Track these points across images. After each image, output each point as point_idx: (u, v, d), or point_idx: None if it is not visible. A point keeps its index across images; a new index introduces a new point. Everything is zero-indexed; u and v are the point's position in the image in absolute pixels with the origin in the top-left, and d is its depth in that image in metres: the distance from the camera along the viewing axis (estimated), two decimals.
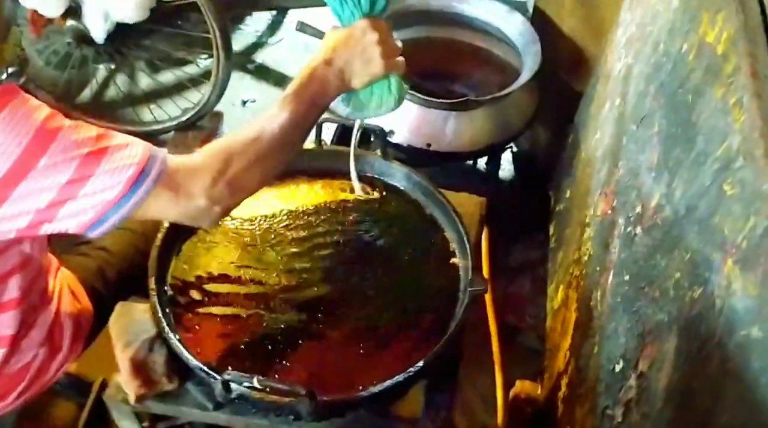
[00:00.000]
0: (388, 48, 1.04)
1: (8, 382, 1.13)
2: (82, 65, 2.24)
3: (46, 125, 0.84)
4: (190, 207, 0.91)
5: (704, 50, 0.94)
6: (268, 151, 0.96)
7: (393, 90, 1.10)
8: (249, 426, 1.14)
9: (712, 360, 0.76)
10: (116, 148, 0.87)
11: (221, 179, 0.91)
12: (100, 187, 0.85)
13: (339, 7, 1.06)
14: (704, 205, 0.85)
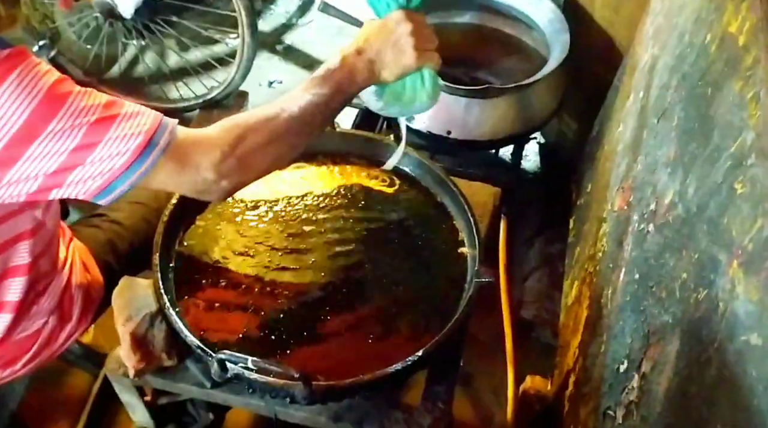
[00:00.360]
0: (422, 40, 1.02)
1: (17, 348, 1.15)
2: (111, 40, 2.26)
3: (56, 89, 0.84)
4: (198, 179, 0.90)
5: (726, 41, 0.90)
6: (284, 131, 0.94)
7: (426, 84, 1.06)
8: (245, 406, 1.15)
9: (711, 366, 0.73)
10: (126, 115, 0.87)
11: (232, 154, 0.90)
12: (108, 154, 0.85)
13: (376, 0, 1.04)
14: (715, 204, 0.81)
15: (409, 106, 1.08)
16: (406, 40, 1.00)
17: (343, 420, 1.11)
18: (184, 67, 2.39)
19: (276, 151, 0.95)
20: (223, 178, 0.91)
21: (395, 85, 1.06)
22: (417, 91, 1.06)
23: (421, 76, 1.05)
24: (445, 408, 1.13)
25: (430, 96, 1.07)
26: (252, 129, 0.92)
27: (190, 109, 2.31)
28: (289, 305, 1.17)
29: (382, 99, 1.08)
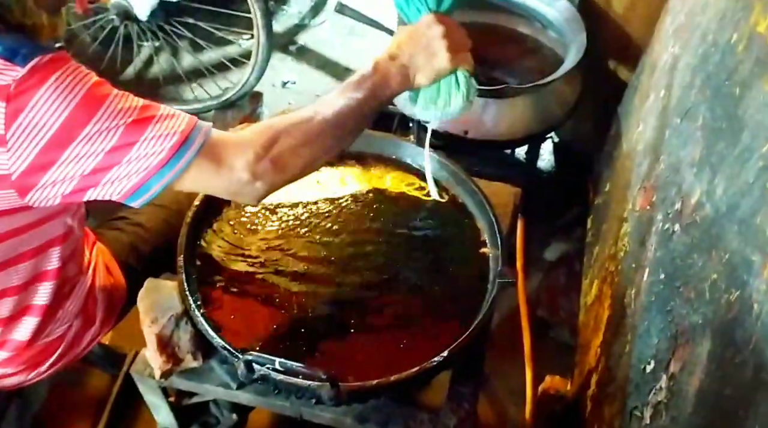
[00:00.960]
0: (454, 42, 1.01)
1: (43, 351, 1.16)
2: (126, 42, 2.27)
3: (95, 91, 0.85)
4: (232, 180, 0.91)
5: (755, 41, 0.89)
6: (317, 134, 0.95)
7: (461, 86, 1.04)
8: (271, 406, 1.15)
9: (746, 367, 0.73)
10: (161, 117, 0.88)
11: (266, 156, 0.91)
12: (144, 153, 0.86)
13: (405, 4, 1.03)
14: (746, 204, 0.81)
15: (445, 110, 1.06)
16: (438, 43, 0.99)
17: (368, 421, 1.11)
18: (199, 68, 2.40)
19: (309, 154, 0.95)
20: (257, 179, 0.91)
21: (430, 89, 1.05)
22: (452, 93, 1.05)
23: (456, 79, 1.04)
24: (470, 408, 1.13)
25: (465, 98, 1.05)
26: (285, 131, 0.93)
27: (204, 110, 2.32)
28: (312, 306, 1.16)
29: (417, 103, 1.08)
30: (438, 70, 1.01)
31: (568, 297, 1.87)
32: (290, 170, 0.94)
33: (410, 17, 1.04)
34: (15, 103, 0.81)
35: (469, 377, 1.18)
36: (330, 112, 0.96)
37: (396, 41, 1.02)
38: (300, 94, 2.52)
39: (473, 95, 1.06)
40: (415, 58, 1.00)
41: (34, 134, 0.83)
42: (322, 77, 2.60)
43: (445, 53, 0.99)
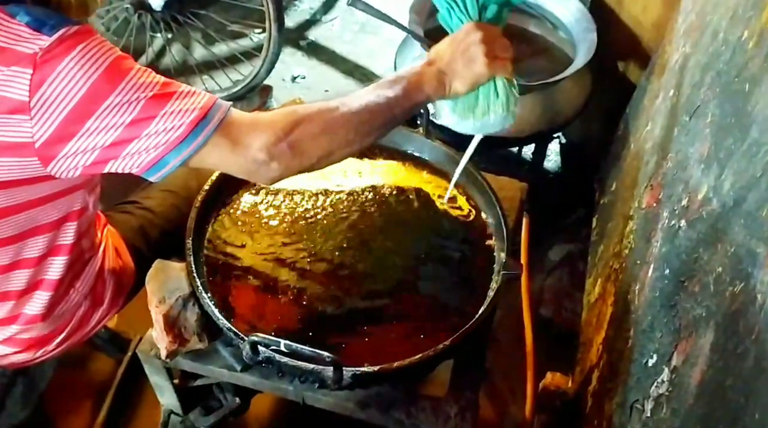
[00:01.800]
0: (494, 48, 0.99)
1: (51, 330, 1.17)
2: (139, 32, 2.29)
3: (118, 64, 0.86)
4: (248, 159, 0.90)
5: (765, 37, 0.90)
6: (340, 125, 0.94)
7: (500, 94, 1.01)
8: (274, 390, 1.16)
9: (748, 357, 0.74)
10: (182, 93, 0.89)
11: (285, 138, 0.90)
12: (164, 127, 0.87)
13: (447, 16, 1.03)
14: (753, 198, 0.82)
15: (484, 119, 1.03)
16: (476, 48, 0.97)
17: (370, 407, 1.12)
18: (210, 60, 2.41)
19: (329, 143, 0.94)
20: (273, 160, 0.91)
21: (467, 97, 1.02)
22: (490, 102, 1.01)
23: (495, 86, 1.01)
24: (472, 397, 1.14)
25: (504, 107, 1.01)
26: (308, 117, 0.92)
27: None
28: (319, 297, 1.17)
29: (455, 112, 1.04)
30: (475, 76, 0.99)
31: (572, 296, 1.88)
32: (308, 156, 0.93)
33: (453, 28, 1.02)
34: (40, 71, 0.82)
35: (471, 367, 1.19)
36: (357, 106, 0.95)
37: (435, 48, 1.02)
38: (309, 89, 2.53)
39: (514, 105, 1.03)
40: (452, 64, 0.99)
41: (57, 103, 0.84)
42: (331, 73, 2.61)
43: (482, 59, 0.97)
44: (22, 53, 0.82)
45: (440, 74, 0.99)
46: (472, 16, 1.00)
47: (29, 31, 0.83)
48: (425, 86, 0.99)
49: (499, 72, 1.00)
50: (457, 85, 1.00)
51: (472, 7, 1.00)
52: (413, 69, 1.00)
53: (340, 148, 0.95)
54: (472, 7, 1.00)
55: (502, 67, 1.00)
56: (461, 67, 0.98)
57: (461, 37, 0.99)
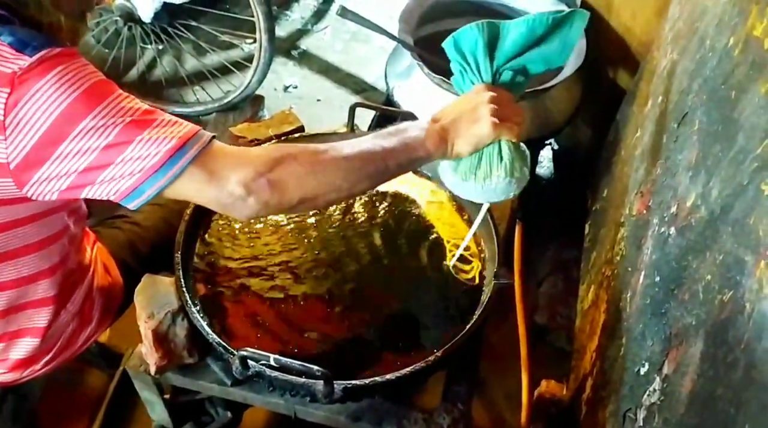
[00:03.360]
0: (502, 110, 0.95)
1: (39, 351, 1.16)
2: (129, 44, 2.29)
3: (97, 88, 0.85)
4: (224, 192, 0.88)
5: (751, 44, 0.90)
6: (327, 168, 0.91)
7: (504, 158, 0.96)
8: (265, 404, 1.15)
9: (738, 367, 0.73)
10: (162, 122, 0.87)
11: (266, 174, 0.88)
12: (138, 154, 0.85)
13: (460, 78, 1.00)
14: (740, 205, 0.81)
15: (485, 184, 0.98)
16: (483, 108, 0.95)
17: (362, 420, 1.11)
18: (201, 71, 2.41)
19: (313, 186, 0.90)
20: (250, 195, 0.88)
21: (470, 158, 0.98)
22: (493, 165, 0.97)
23: (499, 149, 0.96)
24: (465, 408, 1.14)
25: (507, 172, 0.97)
26: (294, 156, 0.90)
27: (206, 113, 2.33)
28: (309, 306, 1.17)
29: (457, 172, 1.00)
30: (479, 136, 0.95)
31: (566, 303, 1.87)
32: (288, 196, 0.90)
33: (464, 91, 1.00)
34: (17, 91, 0.82)
35: (463, 378, 1.18)
36: (349, 151, 0.92)
37: (442, 108, 0.99)
38: (301, 99, 2.53)
39: (519, 172, 0.98)
40: (457, 123, 0.96)
41: (32, 124, 0.83)
42: (323, 82, 2.61)
43: (488, 119, 0.94)
44: (2, 73, 0.82)
45: (443, 132, 0.96)
46: (484, 80, 0.97)
47: (12, 51, 0.83)
48: (427, 142, 0.95)
49: (504, 135, 0.96)
50: (460, 144, 0.96)
51: (485, 71, 0.97)
52: (417, 123, 0.97)
53: (325, 192, 0.92)
54: (485, 70, 0.97)
55: (508, 130, 0.96)
56: (465, 126, 0.95)
57: (470, 96, 0.97)
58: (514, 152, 0.97)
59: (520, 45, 0.98)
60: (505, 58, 0.98)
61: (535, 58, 1.00)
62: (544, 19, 0.97)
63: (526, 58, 0.99)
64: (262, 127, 1.43)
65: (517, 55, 0.99)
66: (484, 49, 0.96)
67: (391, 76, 1.88)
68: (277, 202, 0.89)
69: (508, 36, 0.98)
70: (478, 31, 0.96)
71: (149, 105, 0.90)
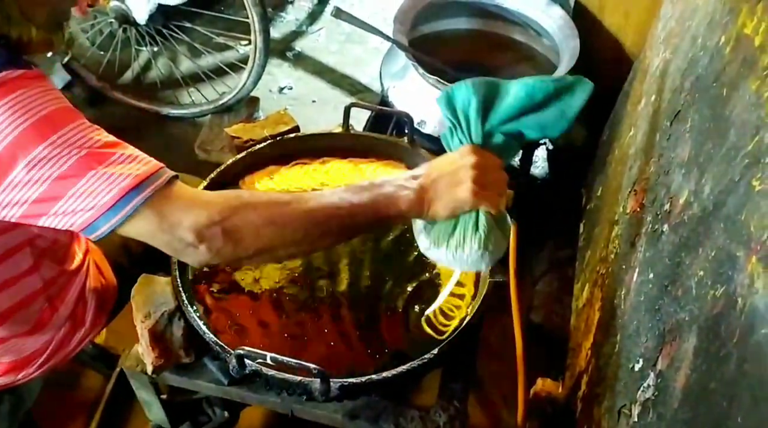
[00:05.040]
0: (485, 178, 0.90)
1: (31, 353, 1.16)
2: (125, 46, 2.29)
3: (56, 115, 0.81)
4: (175, 237, 0.84)
5: (741, 42, 0.91)
6: (287, 221, 0.86)
7: (480, 229, 0.91)
8: (262, 403, 1.15)
9: (730, 361, 0.74)
10: (122, 157, 0.83)
11: (220, 223, 0.83)
12: (91, 189, 0.81)
13: (449, 135, 0.95)
14: (732, 201, 0.82)
15: (457, 253, 0.93)
16: (465, 172, 0.89)
17: (359, 418, 1.11)
18: (196, 72, 2.42)
19: (270, 238, 0.86)
20: (202, 243, 0.83)
21: (446, 223, 0.93)
22: (467, 235, 0.91)
23: (476, 220, 0.91)
24: (461, 406, 1.14)
25: (481, 244, 0.91)
26: (252, 206, 0.86)
27: (201, 114, 2.33)
28: (305, 305, 1.17)
29: (430, 235, 0.95)
30: (457, 201, 0.90)
31: (561, 302, 1.88)
32: (243, 247, 0.85)
33: (452, 149, 0.95)
34: None
35: (460, 376, 1.19)
36: (313, 205, 0.87)
37: (425, 165, 0.95)
38: (296, 100, 2.54)
39: (494, 246, 0.93)
40: (437, 183, 0.90)
41: None
42: (318, 83, 2.62)
43: (469, 185, 0.88)
44: None
45: (421, 191, 0.90)
46: (474, 141, 0.92)
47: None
48: (400, 201, 0.89)
49: (483, 204, 0.91)
50: (437, 207, 0.91)
51: (476, 131, 0.92)
52: (393, 180, 0.91)
53: (283, 245, 0.88)
54: (476, 131, 0.92)
55: (489, 200, 0.91)
56: (445, 188, 0.90)
57: (455, 157, 0.91)
58: (492, 224, 0.92)
59: (516, 109, 0.92)
60: (499, 120, 0.93)
61: (531, 124, 0.94)
62: (545, 85, 0.92)
63: (521, 123, 0.94)
64: (257, 127, 1.43)
65: (512, 118, 0.93)
66: (478, 108, 0.91)
67: (385, 77, 1.89)
68: (230, 252, 0.85)
69: (505, 97, 0.92)
70: (473, 90, 0.91)
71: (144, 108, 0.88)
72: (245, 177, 1.37)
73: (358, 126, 1.85)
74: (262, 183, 1.36)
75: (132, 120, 2.36)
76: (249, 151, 1.38)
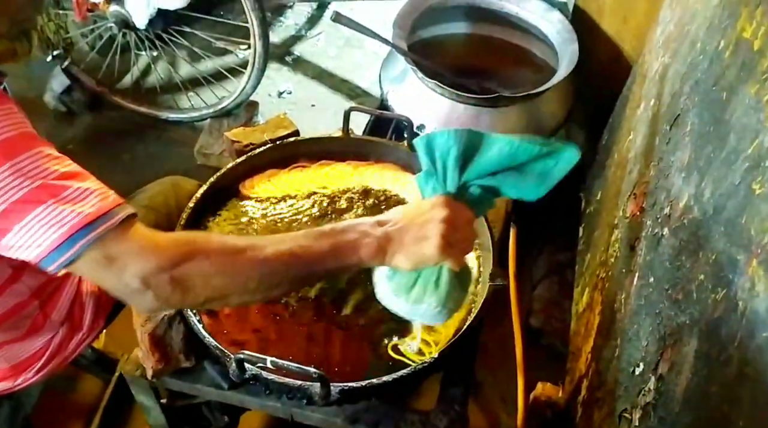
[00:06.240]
0: (454, 233, 0.87)
1: (28, 358, 1.16)
2: (124, 51, 2.29)
3: (12, 143, 0.78)
4: (121, 282, 0.80)
5: (741, 46, 0.91)
6: (242, 270, 0.83)
7: (441, 287, 0.90)
8: (262, 407, 1.15)
9: (731, 364, 0.74)
10: (78, 191, 0.80)
11: (169, 270, 0.80)
12: (40, 223, 0.78)
13: (424, 179, 0.91)
14: (732, 205, 0.82)
15: (415, 307, 0.92)
16: (434, 227, 0.86)
17: (359, 422, 1.11)
18: (196, 77, 2.42)
19: (222, 287, 0.83)
20: (149, 290, 0.80)
21: (408, 275, 0.91)
22: (428, 290, 0.90)
23: (438, 276, 0.90)
24: (461, 410, 1.14)
25: (441, 302, 0.90)
26: (205, 253, 0.82)
27: (201, 119, 2.33)
28: (306, 309, 1.17)
29: (390, 284, 0.93)
30: (422, 256, 0.87)
31: (561, 306, 1.88)
32: (193, 295, 0.82)
33: (425, 195, 0.92)
34: None
35: (459, 380, 1.18)
36: (270, 253, 0.84)
37: (394, 210, 0.92)
38: (295, 104, 2.54)
39: (453, 304, 0.93)
40: (403, 234, 0.87)
41: None
42: (318, 87, 2.62)
43: (437, 240, 0.85)
44: None
45: (385, 240, 0.87)
46: (449, 190, 0.89)
47: None
48: (362, 250, 0.86)
49: (448, 261, 0.89)
50: (399, 258, 0.87)
51: (452, 181, 0.89)
52: (356, 225, 0.88)
53: (237, 294, 0.85)
54: (452, 181, 0.89)
55: (453, 258, 0.88)
56: (411, 241, 0.87)
57: (426, 207, 0.88)
58: (455, 282, 0.91)
59: (497, 165, 0.88)
60: (477, 174, 0.89)
61: (510, 182, 0.91)
62: (531, 148, 0.88)
63: (500, 180, 0.90)
64: (257, 131, 1.43)
65: (492, 174, 0.90)
66: (457, 158, 0.87)
67: (385, 81, 1.89)
68: (179, 300, 0.83)
69: (487, 151, 0.88)
70: (455, 139, 0.86)
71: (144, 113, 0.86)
72: (245, 181, 1.37)
73: (358, 130, 1.85)
74: (262, 187, 1.36)
75: (131, 124, 2.37)
76: (249, 155, 1.38)
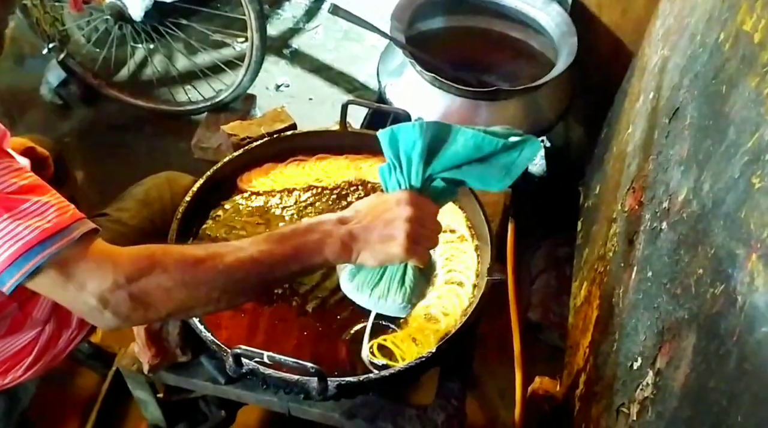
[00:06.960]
0: (420, 231, 0.86)
1: (13, 356, 1.15)
2: (120, 43, 2.28)
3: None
4: (78, 300, 0.79)
5: (741, 39, 0.91)
6: (203, 281, 0.82)
7: (406, 284, 0.90)
8: (259, 402, 1.15)
9: (730, 359, 0.74)
10: (36, 205, 0.78)
11: (126, 287, 0.78)
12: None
13: (387, 172, 0.90)
14: (731, 199, 0.82)
15: (379, 302, 0.92)
16: (400, 225, 0.85)
17: (356, 417, 1.11)
18: (193, 69, 2.41)
19: (184, 299, 0.82)
20: (107, 308, 0.78)
21: (372, 272, 0.91)
22: (392, 288, 0.90)
23: (404, 273, 0.90)
24: (459, 405, 1.14)
25: (405, 299, 0.90)
26: (164, 266, 0.80)
27: (198, 112, 2.32)
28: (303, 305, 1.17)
29: (353, 281, 0.92)
30: (388, 255, 0.86)
31: (559, 300, 1.88)
32: (154, 310, 0.81)
33: (388, 189, 0.90)
34: None
35: (457, 375, 1.18)
36: (231, 261, 0.82)
37: (356, 205, 0.90)
38: (293, 97, 2.53)
39: (417, 299, 0.93)
40: (368, 232, 0.86)
41: None
42: (315, 80, 2.61)
43: (403, 240, 0.84)
44: None
45: (349, 238, 0.86)
46: (413, 184, 0.88)
47: None
48: (326, 249, 0.85)
49: (413, 260, 0.88)
50: (365, 256, 0.87)
51: (416, 176, 0.87)
52: (317, 225, 0.87)
53: (200, 305, 0.84)
54: (416, 175, 0.87)
55: (419, 257, 0.88)
56: (377, 239, 0.86)
57: (390, 204, 0.87)
58: (420, 278, 0.91)
59: (462, 157, 0.88)
60: (442, 166, 0.88)
61: (474, 174, 0.90)
62: (495, 142, 0.88)
63: (464, 172, 0.90)
64: (254, 124, 1.43)
65: (456, 166, 0.89)
66: (421, 153, 0.86)
67: (383, 74, 1.88)
68: (140, 316, 0.81)
69: (452, 145, 0.87)
70: (419, 133, 0.86)
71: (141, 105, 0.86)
72: (242, 174, 1.36)
73: (356, 123, 1.85)
74: (259, 180, 1.36)
75: (128, 117, 2.35)
76: (246, 148, 1.37)
